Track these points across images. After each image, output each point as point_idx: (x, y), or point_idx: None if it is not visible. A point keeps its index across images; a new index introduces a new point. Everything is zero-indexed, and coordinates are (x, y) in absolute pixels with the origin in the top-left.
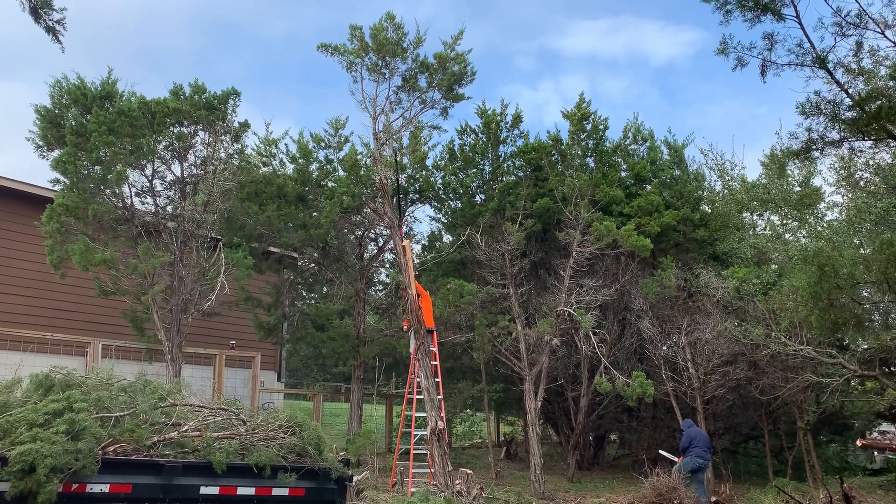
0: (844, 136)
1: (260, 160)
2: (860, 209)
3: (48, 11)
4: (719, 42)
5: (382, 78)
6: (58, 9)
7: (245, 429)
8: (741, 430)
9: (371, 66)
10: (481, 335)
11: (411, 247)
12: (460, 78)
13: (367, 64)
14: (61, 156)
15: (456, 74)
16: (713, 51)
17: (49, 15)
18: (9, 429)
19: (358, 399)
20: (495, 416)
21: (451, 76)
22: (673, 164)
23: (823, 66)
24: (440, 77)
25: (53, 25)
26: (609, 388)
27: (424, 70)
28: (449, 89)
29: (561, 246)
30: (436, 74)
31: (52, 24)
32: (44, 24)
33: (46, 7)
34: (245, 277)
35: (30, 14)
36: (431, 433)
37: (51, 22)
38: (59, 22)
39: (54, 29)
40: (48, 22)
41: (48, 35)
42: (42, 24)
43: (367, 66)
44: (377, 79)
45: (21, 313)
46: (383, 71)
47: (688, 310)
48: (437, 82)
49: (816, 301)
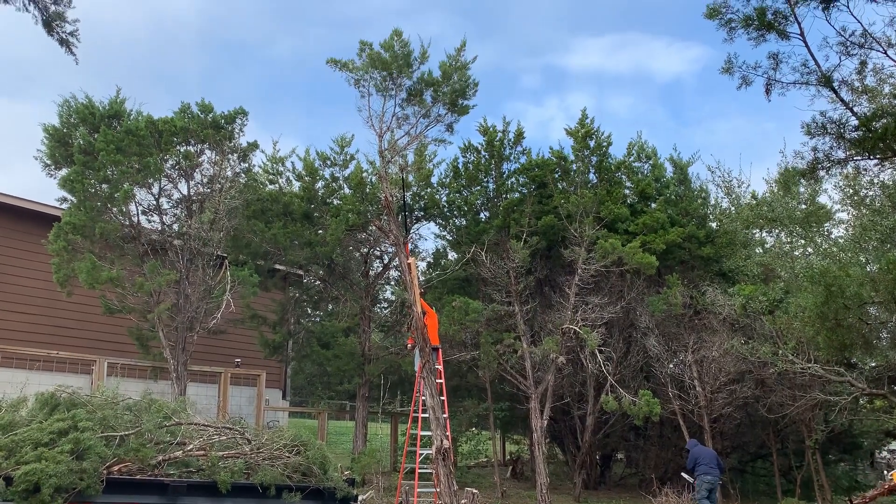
0: (850, 155)
1: (266, 178)
2: (866, 227)
3: (61, 24)
4: (724, 61)
5: (389, 94)
6: (70, 21)
7: (250, 448)
8: (749, 449)
9: (379, 83)
10: (487, 353)
11: (416, 264)
12: (464, 90)
13: (375, 80)
14: (69, 174)
15: (459, 87)
16: (718, 69)
17: (62, 27)
18: (14, 448)
19: (363, 417)
20: (501, 435)
21: (454, 89)
22: (678, 182)
23: (829, 84)
24: (445, 90)
25: (66, 38)
26: (615, 407)
27: (429, 85)
28: (453, 103)
29: (566, 263)
30: (441, 88)
31: (66, 36)
32: (57, 36)
33: (59, 20)
34: (251, 295)
35: (43, 27)
36: (437, 452)
37: (64, 34)
38: (73, 34)
39: (67, 41)
40: (61, 34)
41: (61, 47)
42: (55, 36)
43: (375, 82)
44: (384, 95)
45: (27, 331)
46: (390, 87)
47: (694, 327)
48: (442, 96)
49: (823, 321)
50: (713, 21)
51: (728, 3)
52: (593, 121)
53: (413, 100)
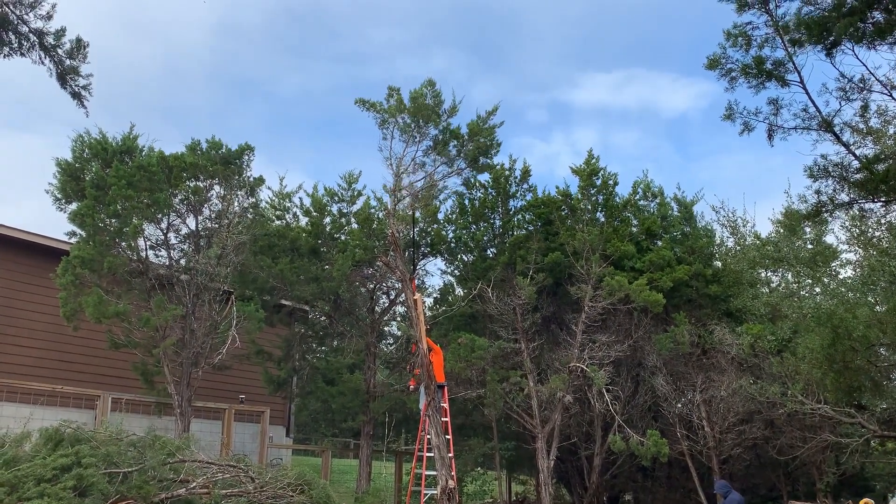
0: (854, 198)
1: (274, 213)
2: (874, 268)
3: (74, 78)
4: (725, 108)
5: (413, 140)
6: (84, 75)
7: (253, 486)
8: (759, 492)
9: (403, 127)
10: (493, 391)
11: (423, 300)
12: (487, 150)
13: (400, 124)
14: (80, 208)
15: (483, 146)
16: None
17: (75, 81)
18: (17, 483)
19: (367, 456)
20: (507, 475)
21: (477, 147)
22: (683, 220)
23: (830, 129)
24: (469, 147)
25: (79, 91)
26: (623, 447)
27: (454, 138)
28: (474, 160)
29: (573, 300)
30: (466, 144)
31: (78, 89)
32: (70, 89)
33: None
34: (256, 330)
35: (57, 80)
36: (442, 492)
37: (77, 88)
38: (85, 87)
39: (80, 94)
40: (74, 88)
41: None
42: (68, 89)
43: (400, 125)
44: (407, 140)
45: (32, 365)
46: (414, 134)
47: (702, 367)
48: (465, 153)
49: (831, 363)
50: (714, 71)
51: (727, 54)
52: (598, 160)
53: (436, 148)
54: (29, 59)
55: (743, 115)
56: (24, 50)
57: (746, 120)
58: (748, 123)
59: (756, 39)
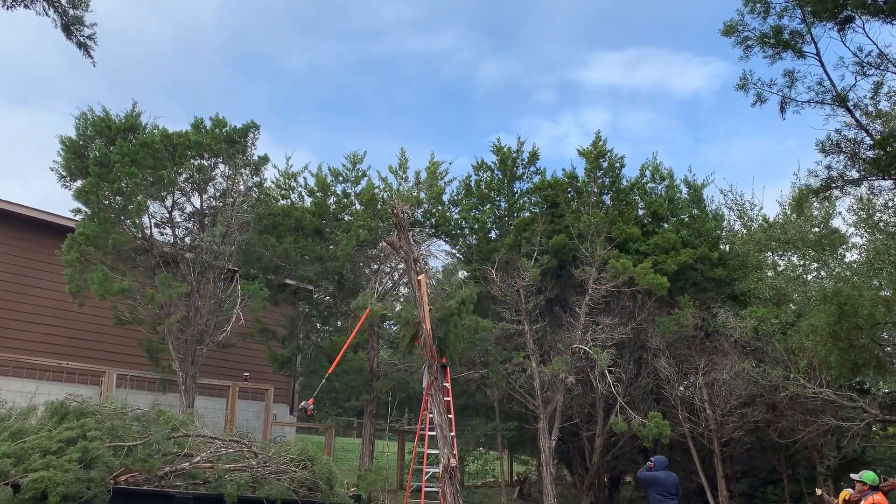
0: (864, 175)
1: (278, 193)
2: (879, 251)
3: (79, 28)
4: (739, 77)
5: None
6: (88, 25)
7: (257, 461)
8: (760, 475)
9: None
10: (495, 372)
11: (426, 281)
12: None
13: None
14: (84, 186)
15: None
16: (734, 86)
17: (80, 31)
18: (22, 455)
19: (370, 434)
20: (509, 455)
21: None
22: (692, 203)
23: (844, 104)
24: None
25: (85, 41)
26: (625, 429)
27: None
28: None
29: (576, 283)
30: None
31: (84, 39)
32: (75, 39)
33: (78, 24)
34: (260, 309)
35: (62, 30)
36: (444, 471)
37: (82, 38)
38: (90, 37)
39: (85, 44)
40: (79, 38)
41: (79, 50)
42: (74, 39)
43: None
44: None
45: (38, 341)
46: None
47: (705, 350)
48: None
49: (836, 341)
50: (730, 38)
51: (745, 21)
52: (606, 142)
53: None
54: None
55: (757, 86)
56: (28, 1)
57: (760, 91)
58: (761, 95)
59: (775, 7)
